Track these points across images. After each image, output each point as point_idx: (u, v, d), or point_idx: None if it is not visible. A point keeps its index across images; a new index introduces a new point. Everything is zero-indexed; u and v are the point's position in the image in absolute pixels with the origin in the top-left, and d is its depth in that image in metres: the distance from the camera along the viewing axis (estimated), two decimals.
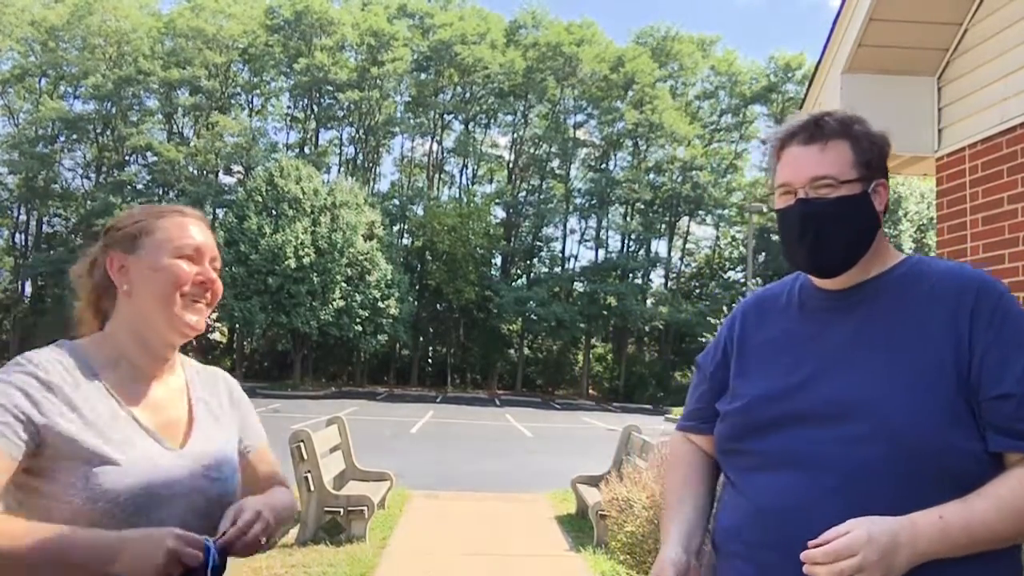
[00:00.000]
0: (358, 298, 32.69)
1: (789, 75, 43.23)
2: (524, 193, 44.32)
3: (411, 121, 43.68)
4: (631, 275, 41.48)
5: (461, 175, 45.84)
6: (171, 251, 1.30)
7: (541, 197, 43.64)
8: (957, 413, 1.15)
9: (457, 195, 43.80)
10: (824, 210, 1.25)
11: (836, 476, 1.16)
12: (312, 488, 5.88)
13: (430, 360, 43.62)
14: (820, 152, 1.26)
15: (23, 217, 42.63)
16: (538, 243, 43.99)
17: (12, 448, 1.13)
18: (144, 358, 1.31)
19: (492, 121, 45.49)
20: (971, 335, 1.17)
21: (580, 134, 44.56)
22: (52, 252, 39.77)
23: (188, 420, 1.34)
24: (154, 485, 1.20)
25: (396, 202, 41.18)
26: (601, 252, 43.61)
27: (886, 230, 1.36)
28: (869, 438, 1.16)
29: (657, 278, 44.83)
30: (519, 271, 44.37)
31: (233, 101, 42.96)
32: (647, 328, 41.72)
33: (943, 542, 1.10)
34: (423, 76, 43.45)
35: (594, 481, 7.27)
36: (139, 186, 41.09)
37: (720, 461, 1.40)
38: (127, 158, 41.77)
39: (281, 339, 38.05)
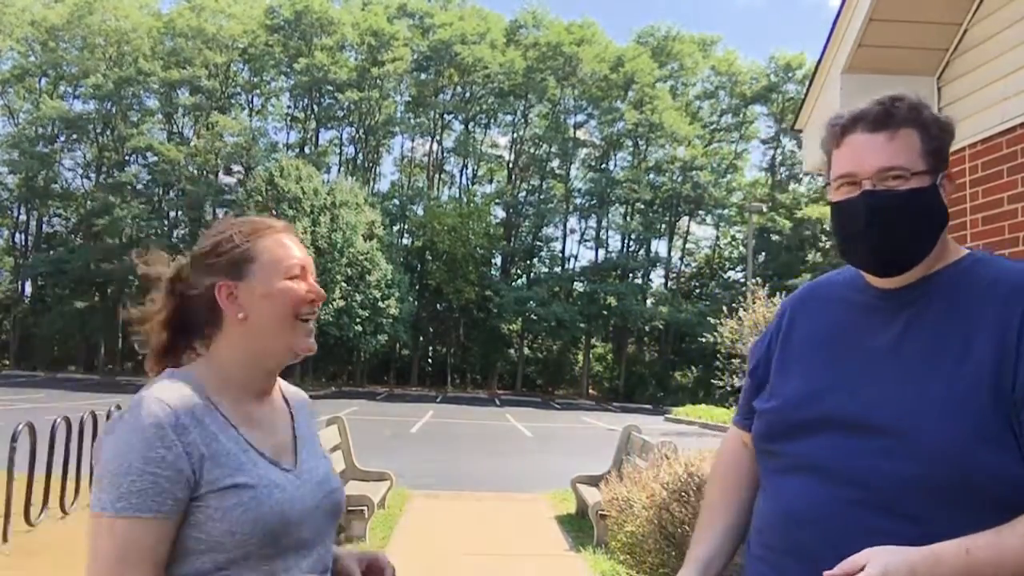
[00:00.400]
0: (358, 298, 32.71)
1: (789, 75, 43.27)
2: (524, 193, 44.34)
3: (411, 121, 43.71)
4: (631, 275, 41.51)
5: (461, 175, 45.93)
6: (282, 273, 1.29)
7: (541, 197, 43.66)
8: (993, 433, 1.06)
9: (457, 195, 43.84)
10: (894, 203, 1.15)
11: (858, 488, 1.12)
12: None
13: (430, 360, 43.64)
14: (889, 141, 1.16)
15: (23, 217, 42.69)
16: (538, 243, 44.01)
17: (172, 513, 1.14)
18: (254, 382, 1.31)
19: (492, 121, 45.53)
20: (1019, 343, 1.08)
21: (580, 134, 44.61)
22: (52, 252, 39.82)
23: (292, 439, 1.35)
24: (284, 510, 1.21)
25: (396, 202, 41.21)
26: (601, 252, 43.69)
27: None
28: (895, 453, 1.10)
29: (657, 278, 44.91)
30: (519, 271, 44.40)
31: (233, 101, 42.98)
32: (647, 328, 41.73)
33: None
34: (423, 76, 43.47)
35: (594, 481, 7.27)
36: (139, 186, 41.12)
37: (757, 461, 1.35)
38: (127, 158, 41.77)
39: None
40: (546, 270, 43.93)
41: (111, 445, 1.14)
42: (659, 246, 44.99)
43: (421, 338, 41.60)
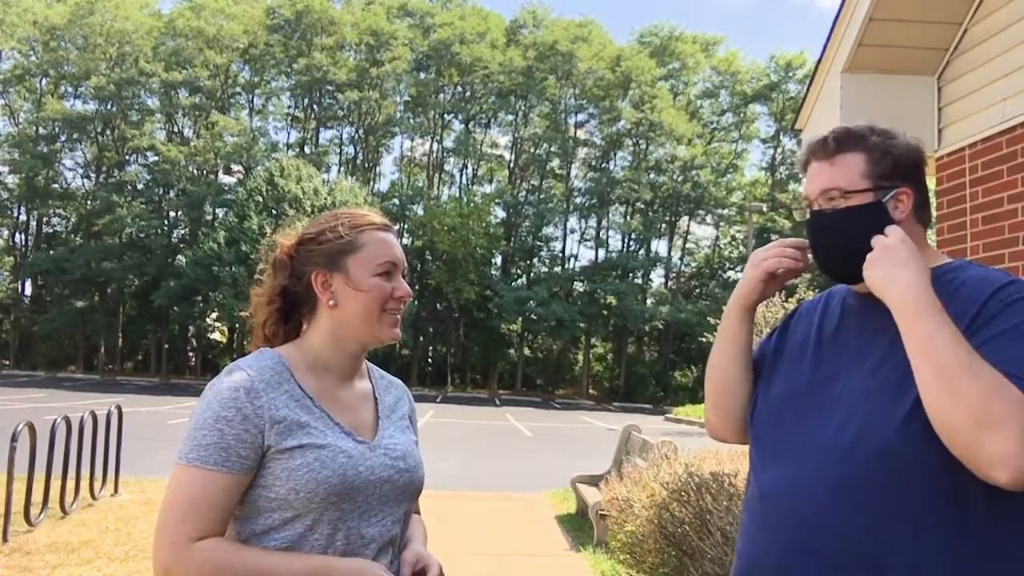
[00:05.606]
0: None
1: (790, 74, 43.23)
2: (524, 193, 44.28)
3: (411, 121, 43.66)
4: (631, 275, 41.47)
5: (461, 175, 45.87)
6: (373, 269, 1.38)
7: (541, 197, 43.58)
8: None
9: (457, 195, 43.79)
10: (828, 220, 1.33)
11: (824, 467, 1.24)
12: None
13: (430, 360, 43.61)
14: (830, 166, 1.33)
15: (23, 217, 42.63)
16: (538, 243, 43.94)
17: (236, 469, 1.24)
18: (339, 364, 1.41)
19: (492, 121, 45.47)
20: (973, 331, 1.18)
21: (580, 134, 44.55)
22: (52, 252, 39.75)
23: (375, 420, 1.44)
24: (347, 474, 1.29)
25: (396, 202, 41.15)
26: (601, 252, 43.62)
27: None
28: (859, 434, 1.22)
29: (657, 278, 44.85)
30: (519, 271, 44.34)
31: (233, 101, 42.95)
32: (647, 328, 41.68)
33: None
34: (423, 76, 43.43)
35: (594, 481, 7.28)
36: (139, 186, 41.09)
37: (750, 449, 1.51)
38: (127, 158, 41.75)
39: None
40: (546, 270, 43.86)
41: (198, 405, 1.28)
42: (659, 246, 45.01)
43: (421, 338, 41.56)
